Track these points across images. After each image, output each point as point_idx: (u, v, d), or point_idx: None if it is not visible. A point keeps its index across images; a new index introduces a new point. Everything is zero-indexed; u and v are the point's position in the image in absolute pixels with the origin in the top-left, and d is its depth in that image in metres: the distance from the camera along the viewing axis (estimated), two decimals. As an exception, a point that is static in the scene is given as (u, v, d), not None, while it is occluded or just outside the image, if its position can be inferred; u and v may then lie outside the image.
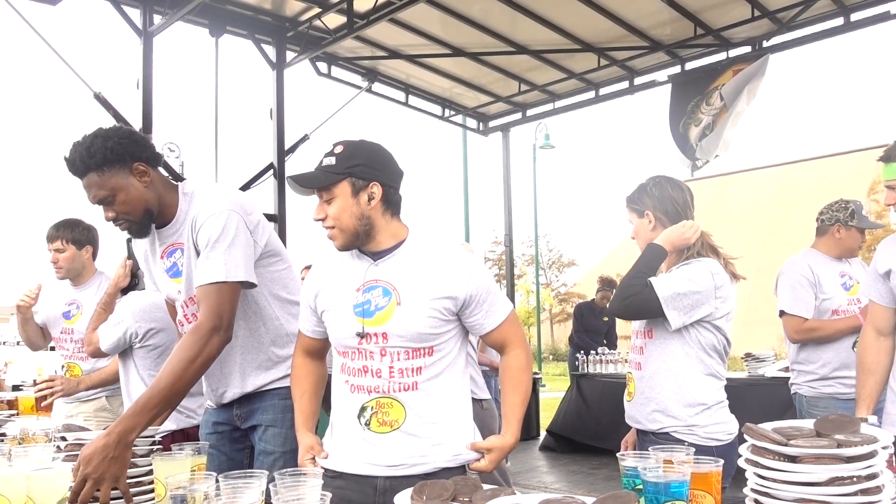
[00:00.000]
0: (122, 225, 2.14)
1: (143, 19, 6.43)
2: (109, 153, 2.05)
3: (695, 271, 2.34)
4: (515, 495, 1.51)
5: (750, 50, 7.24)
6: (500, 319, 1.94)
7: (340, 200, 1.85)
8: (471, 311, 1.90)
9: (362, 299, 1.87)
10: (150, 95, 6.44)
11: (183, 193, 2.20)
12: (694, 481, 1.51)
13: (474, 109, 9.46)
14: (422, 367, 1.86)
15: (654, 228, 2.48)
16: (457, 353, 1.93)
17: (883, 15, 6.45)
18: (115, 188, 2.07)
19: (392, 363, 1.85)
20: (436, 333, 1.86)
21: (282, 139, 7.57)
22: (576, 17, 7.10)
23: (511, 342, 1.99)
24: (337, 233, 1.88)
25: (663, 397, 2.35)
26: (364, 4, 6.78)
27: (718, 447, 2.29)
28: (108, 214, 2.11)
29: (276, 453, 2.23)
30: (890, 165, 2.49)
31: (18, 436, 2.20)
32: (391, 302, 1.85)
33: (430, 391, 1.87)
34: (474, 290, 1.88)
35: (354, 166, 1.84)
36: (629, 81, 8.30)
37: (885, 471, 1.42)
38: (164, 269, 2.23)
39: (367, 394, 1.87)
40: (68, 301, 3.50)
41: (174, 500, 1.47)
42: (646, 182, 2.53)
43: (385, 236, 1.90)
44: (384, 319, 1.84)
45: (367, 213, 1.86)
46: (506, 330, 1.97)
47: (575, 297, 27.79)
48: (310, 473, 1.58)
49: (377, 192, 1.86)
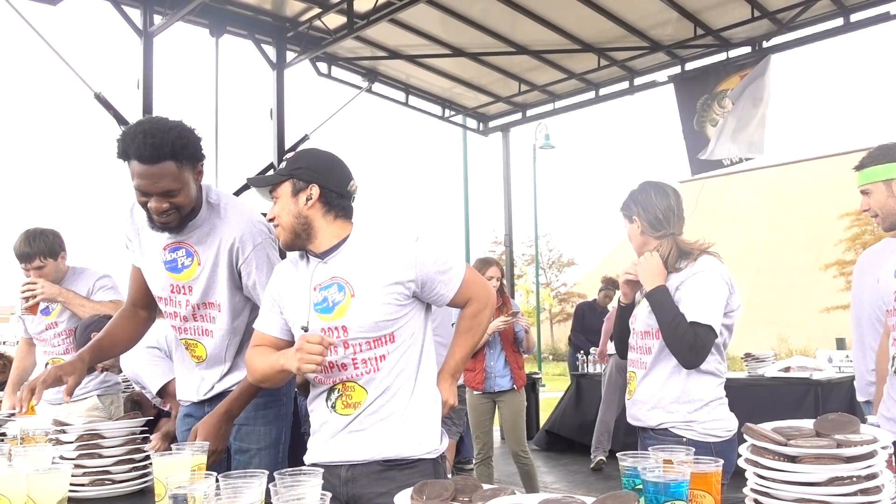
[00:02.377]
0: (169, 217, 2.10)
1: (144, 19, 6.43)
2: (196, 150, 2.09)
3: (708, 280, 2.34)
4: (515, 495, 1.51)
5: (750, 50, 7.25)
6: (458, 285, 1.99)
7: (283, 199, 1.96)
8: (428, 288, 1.95)
9: (320, 297, 1.94)
10: (151, 95, 6.44)
11: (208, 202, 2.23)
12: (694, 481, 1.51)
13: (474, 109, 9.47)
14: (385, 354, 1.91)
15: (643, 233, 2.51)
16: (419, 334, 1.98)
17: (883, 15, 6.46)
18: (184, 182, 2.07)
19: (355, 354, 1.91)
20: (393, 319, 1.91)
21: (282, 139, 7.58)
22: (576, 17, 7.11)
23: (473, 300, 2.04)
24: (280, 230, 1.97)
25: (662, 394, 2.37)
26: (364, 5, 6.79)
27: (717, 444, 2.30)
28: (162, 205, 2.06)
29: (252, 450, 2.30)
30: (863, 172, 2.55)
31: (18, 436, 2.20)
32: (346, 295, 1.91)
33: (393, 374, 1.92)
34: (424, 270, 1.93)
35: (296, 169, 1.95)
36: (629, 82, 8.31)
37: (884, 471, 1.42)
38: (162, 259, 2.26)
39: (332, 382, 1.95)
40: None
41: (174, 499, 1.47)
42: (634, 189, 2.57)
43: (327, 236, 1.96)
44: (342, 313, 1.90)
45: (304, 213, 1.94)
46: (465, 291, 2.01)
47: (575, 297, 27.82)
48: (310, 473, 1.58)
49: (315, 193, 1.94)
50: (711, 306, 2.30)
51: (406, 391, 1.94)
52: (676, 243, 2.44)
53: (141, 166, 2.02)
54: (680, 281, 2.38)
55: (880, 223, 2.56)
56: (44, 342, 3.50)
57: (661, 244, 2.46)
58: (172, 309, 2.31)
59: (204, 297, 2.26)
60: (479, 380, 4.89)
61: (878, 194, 2.51)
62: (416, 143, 74.71)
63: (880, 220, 2.55)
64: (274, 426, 2.36)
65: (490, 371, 4.87)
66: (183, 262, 2.24)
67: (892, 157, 2.49)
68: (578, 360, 8.00)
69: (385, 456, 1.90)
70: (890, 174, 2.47)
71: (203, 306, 2.27)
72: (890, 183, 2.48)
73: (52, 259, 3.33)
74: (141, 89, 6.42)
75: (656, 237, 2.48)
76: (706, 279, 2.34)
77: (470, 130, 10.12)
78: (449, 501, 1.52)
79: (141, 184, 2.04)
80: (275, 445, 2.35)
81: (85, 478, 2.08)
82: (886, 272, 2.46)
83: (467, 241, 11.81)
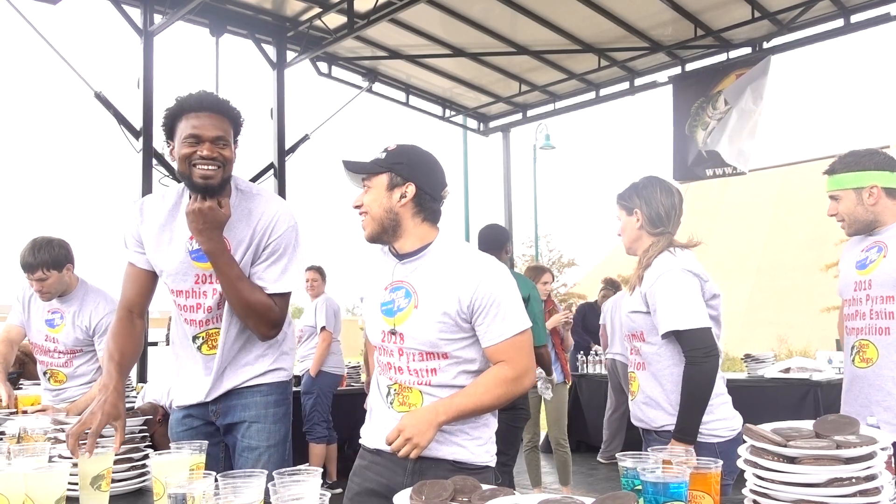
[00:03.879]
0: (214, 167, 2.12)
1: (144, 19, 6.43)
2: (241, 123, 2.23)
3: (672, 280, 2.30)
4: (515, 495, 1.51)
5: (750, 51, 7.24)
6: (504, 336, 1.84)
7: (376, 191, 1.93)
8: (477, 318, 1.85)
9: (388, 298, 1.95)
10: (151, 95, 6.45)
11: (238, 189, 2.27)
12: (693, 482, 1.51)
13: (475, 110, 9.46)
14: (436, 368, 1.89)
15: (640, 228, 2.49)
16: (476, 361, 1.91)
17: (883, 16, 6.46)
18: (228, 136, 2.16)
19: (409, 363, 1.91)
20: (448, 340, 1.86)
21: (282, 139, 7.58)
22: (576, 17, 7.10)
23: (516, 364, 1.87)
24: (368, 220, 1.94)
25: (664, 395, 2.36)
26: (364, 4, 6.79)
27: (721, 443, 2.28)
28: (211, 153, 2.11)
29: (261, 448, 2.29)
30: (834, 178, 2.58)
31: (17, 434, 2.20)
32: (410, 304, 1.91)
33: (446, 389, 1.89)
34: (481, 295, 1.83)
35: (397, 163, 1.93)
36: (629, 82, 8.30)
37: (883, 472, 1.42)
38: (187, 248, 2.23)
39: (390, 379, 1.96)
40: (52, 310, 3.41)
41: (173, 499, 1.47)
42: (638, 182, 2.54)
43: (412, 238, 1.94)
44: (402, 320, 1.91)
45: (395, 209, 1.92)
46: (507, 350, 1.85)
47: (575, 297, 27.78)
48: (310, 473, 1.58)
49: (410, 192, 1.92)
50: (689, 306, 2.26)
51: None
52: (671, 243, 2.43)
53: (199, 114, 2.12)
54: (646, 290, 2.35)
55: (846, 228, 2.61)
56: (46, 353, 3.47)
57: (655, 241, 2.45)
58: (195, 301, 2.27)
59: None
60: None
61: (848, 201, 2.54)
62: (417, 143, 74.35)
63: (846, 225, 2.59)
64: (282, 424, 2.37)
65: None
66: None
67: (863, 165, 2.51)
68: (578, 361, 7.99)
69: (457, 458, 1.90)
70: (860, 182, 2.50)
71: None
72: (860, 191, 2.51)
73: (55, 271, 3.27)
74: (141, 89, 6.42)
75: (653, 234, 2.47)
76: (670, 280, 2.31)
77: (470, 130, 10.11)
78: (448, 501, 1.52)
79: (197, 126, 2.11)
80: (283, 443, 2.36)
81: (84, 477, 2.07)
82: (848, 264, 2.61)
83: (467, 241, 11.81)
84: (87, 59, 42.74)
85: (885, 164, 2.51)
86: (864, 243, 2.59)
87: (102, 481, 1.80)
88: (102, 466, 1.81)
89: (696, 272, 2.33)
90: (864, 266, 2.53)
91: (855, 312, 2.54)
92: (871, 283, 2.48)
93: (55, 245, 3.31)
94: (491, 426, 1.98)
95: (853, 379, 2.54)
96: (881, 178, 2.49)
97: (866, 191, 2.49)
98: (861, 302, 2.52)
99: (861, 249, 2.59)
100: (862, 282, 2.52)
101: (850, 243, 2.72)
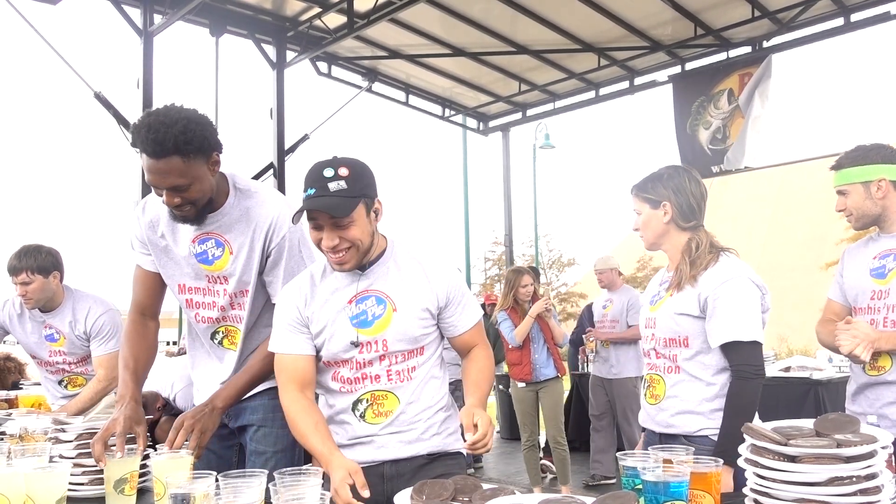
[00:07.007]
0: (185, 211, 2.04)
1: (144, 19, 6.43)
2: (204, 142, 1.97)
3: (741, 288, 2.11)
4: (515, 495, 1.51)
5: (750, 50, 7.25)
6: (473, 322, 2.04)
7: (359, 222, 1.83)
8: (449, 311, 1.99)
9: (358, 310, 1.91)
10: (151, 95, 6.45)
11: (236, 188, 2.18)
12: (693, 481, 1.51)
13: (474, 109, 9.47)
14: (415, 366, 1.97)
15: (670, 221, 2.23)
16: (438, 350, 2.05)
17: (883, 15, 6.46)
18: (194, 177, 1.98)
19: (390, 366, 1.94)
20: (426, 334, 1.97)
21: (282, 139, 7.58)
22: (576, 17, 7.11)
23: (478, 344, 2.09)
24: (353, 254, 1.85)
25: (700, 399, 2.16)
26: (364, 4, 6.79)
27: None
28: (174, 200, 1.99)
29: (268, 453, 2.24)
30: (841, 172, 2.56)
31: (18, 434, 2.20)
32: (387, 309, 1.92)
33: (422, 384, 1.98)
34: (453, 290, 1.98)
35: (365, 186, 1.84)
36: (629, 81, 8.30)
37: (884, 471, 1.42)
38: (191, 252, 2.20)
39: (360, 391, 1.94)
40: (46, 325, 3.37)
41: (174, 499, 1.47)
42: (661, 171, 2.28)
43: (375, 249, 1.94)
44: (383, 327, 1.91)
45: (374, 230, 1.91)
46: (475, 333, 2.06)
47: (575, 297, 27.78)
48: (310, 473, 1.58)
49: (379, 208, 1.91)
50: (751, 319, 2.09)
51: (433, 398, 1.99)
52: (709, 236, 2.22)
53: (148, 160, 1.95)
54: (708, 293, 2.13)
55: (853, 223, 2.58)
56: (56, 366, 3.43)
57: (694, 236, 2.21)
58: (210, 299, 2.24)
59: (240, 286, 2.20)
60: (525, 372, 5.42)
61: (856, 195, 2.52)
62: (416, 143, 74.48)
63: (854, 219, 2.56)
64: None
65: (535, 363, 5.42)
66: (213, 252, 2.18)
67: (870, 158, 2.50)
68: (579, 360, 7.98)
69: (426, 451, 1.95)
70: (868, 176, 2.49)
71: (240, 294, 2.22)
72: (868, 185, 2.49)
73: (40, 276, 3.21)
74: (141, 89, 6.42)
75: (685, 227, 2.22)
76: (738, 288, 2.10)
77: (470, 130, 10.12)
78: (448, 501, 1.52)
79: (150, 178, 1.98)
80: (291, 449, 2.26)
81: (84, 477, 2.07)
82: (860, 271, 2.56)
83: (467, 240, 11.80)
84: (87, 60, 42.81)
85: (892, 158, 2.49)
86: (874, 249, 2.55)
87: (126, 485, 1.81)
88: (126, 470, 1.83)
89: (758, 283, 2.16)
90: (884, 275, 2.48)
91: (870, 322, 2.48)
92: (889, 293, 2.45)
93: (43, 252, 3.27)
94: (455, 415, 2.04)
95: (863, 387, 2.50)
96: (889, 171, 2.47)
97: (874, 184, 2.47)
98: (878, 311, 2.47)
99: (873, 256, 2.53)
100: (881, 291, 2.47)
101: (854, 246, 2.68)
